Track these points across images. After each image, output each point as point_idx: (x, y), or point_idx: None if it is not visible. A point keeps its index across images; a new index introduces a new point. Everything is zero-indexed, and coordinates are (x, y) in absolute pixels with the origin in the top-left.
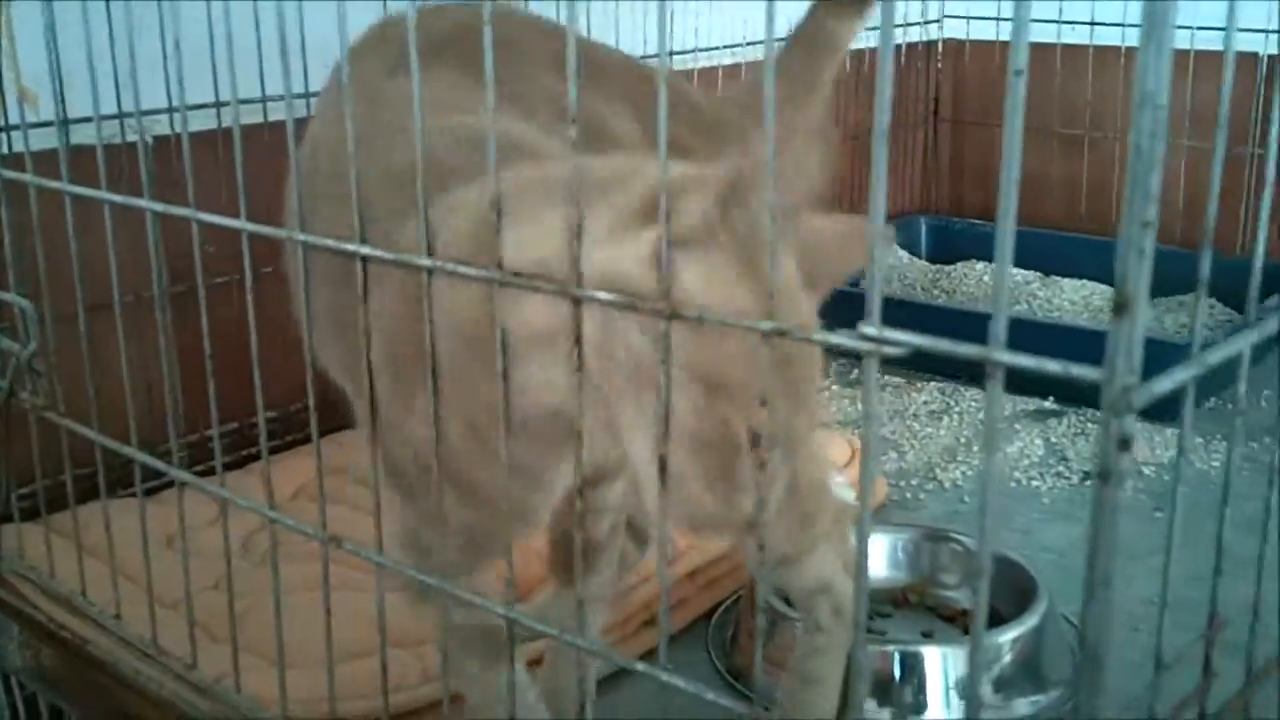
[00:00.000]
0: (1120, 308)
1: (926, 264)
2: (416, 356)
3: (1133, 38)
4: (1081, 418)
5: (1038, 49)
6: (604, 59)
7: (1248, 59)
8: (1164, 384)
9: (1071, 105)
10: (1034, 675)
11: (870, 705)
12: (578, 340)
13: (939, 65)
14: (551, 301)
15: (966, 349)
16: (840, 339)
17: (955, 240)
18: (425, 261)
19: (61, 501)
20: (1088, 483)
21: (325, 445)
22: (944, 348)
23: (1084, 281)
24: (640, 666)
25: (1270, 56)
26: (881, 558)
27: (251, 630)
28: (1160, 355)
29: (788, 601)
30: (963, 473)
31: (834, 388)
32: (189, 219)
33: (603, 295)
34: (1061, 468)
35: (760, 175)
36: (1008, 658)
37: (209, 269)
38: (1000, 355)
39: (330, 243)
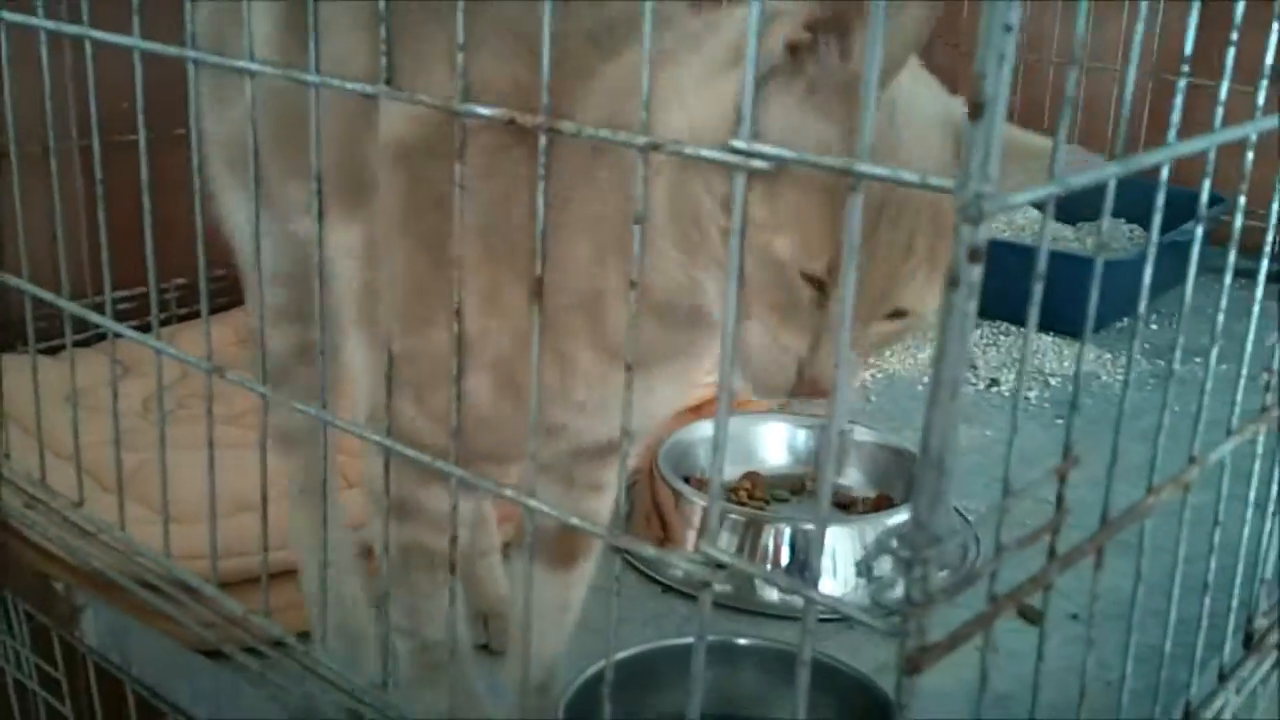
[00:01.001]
0: (977, 109)
1: None
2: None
3: None
4: (995, 330)
5: None
6: None
7: None
8: (1023, 197)
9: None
10: None
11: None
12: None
13: None
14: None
15: (831, 161)
16: (710, 153)
17: None
18: (313, 78)
19: None
20: (992, 389)
21: (238, 315)
22: (810, 160)
23: None
24: (509, 493)
25: None
26: (782, 447)
27: (145, 485)
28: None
29: (687, 480)
30: (871, 374)
31: None
32: (83, 38)
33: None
34: (969, 374)
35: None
36: (895, 541)
37: (120, 130)
38: (861, 167)
39: (217, 59)
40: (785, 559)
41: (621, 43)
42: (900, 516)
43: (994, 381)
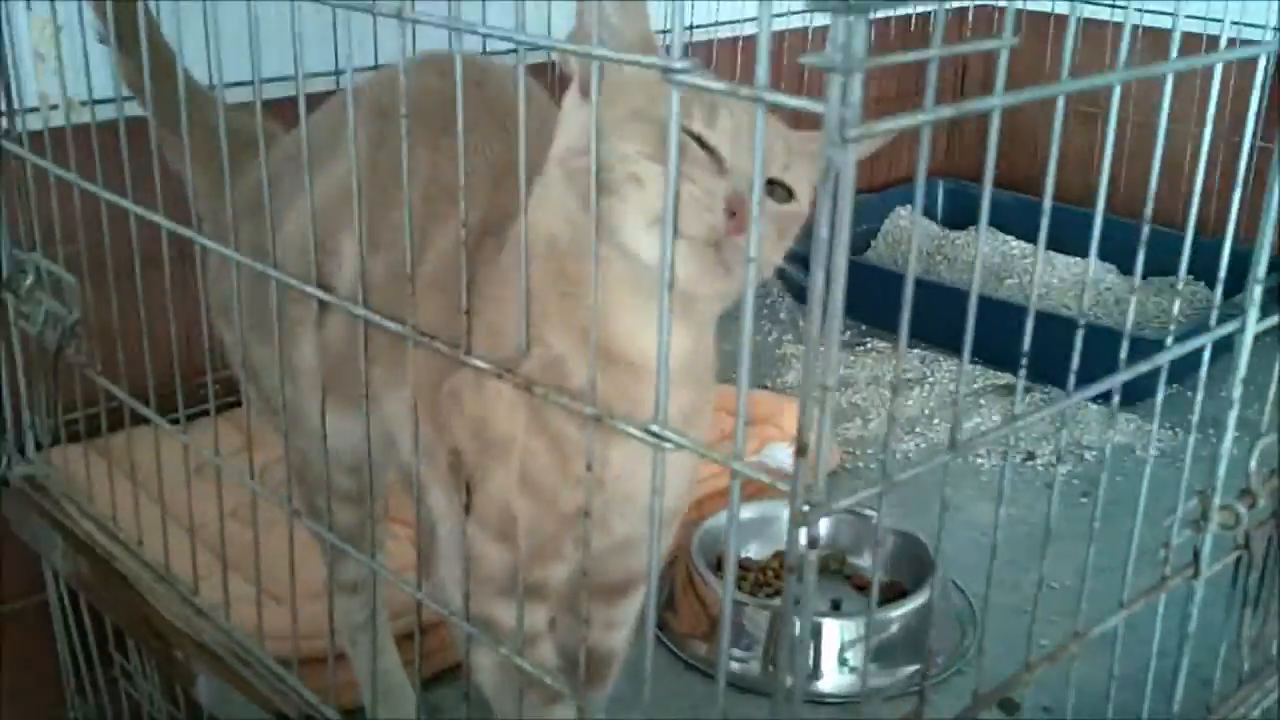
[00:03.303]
0: (801, 451)
1: (938, 228)
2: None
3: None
4: (1046, 394)
5: (1046, 18)
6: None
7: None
8: (843, 500)
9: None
10: (919, 644)
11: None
12: None
13: (968, 34)
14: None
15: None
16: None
17: (970, 206)
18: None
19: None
20: (1029, 463)
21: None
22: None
23: (1074, 259)
24: (467, 629)
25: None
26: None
27: (250, 560)
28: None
29: (718, 561)
30: (916, 444)
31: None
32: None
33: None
34: (1011, 447)
35: None
36: (895, 629)
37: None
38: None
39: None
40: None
41: None
42: (897, 611)
43: (1030, 455)
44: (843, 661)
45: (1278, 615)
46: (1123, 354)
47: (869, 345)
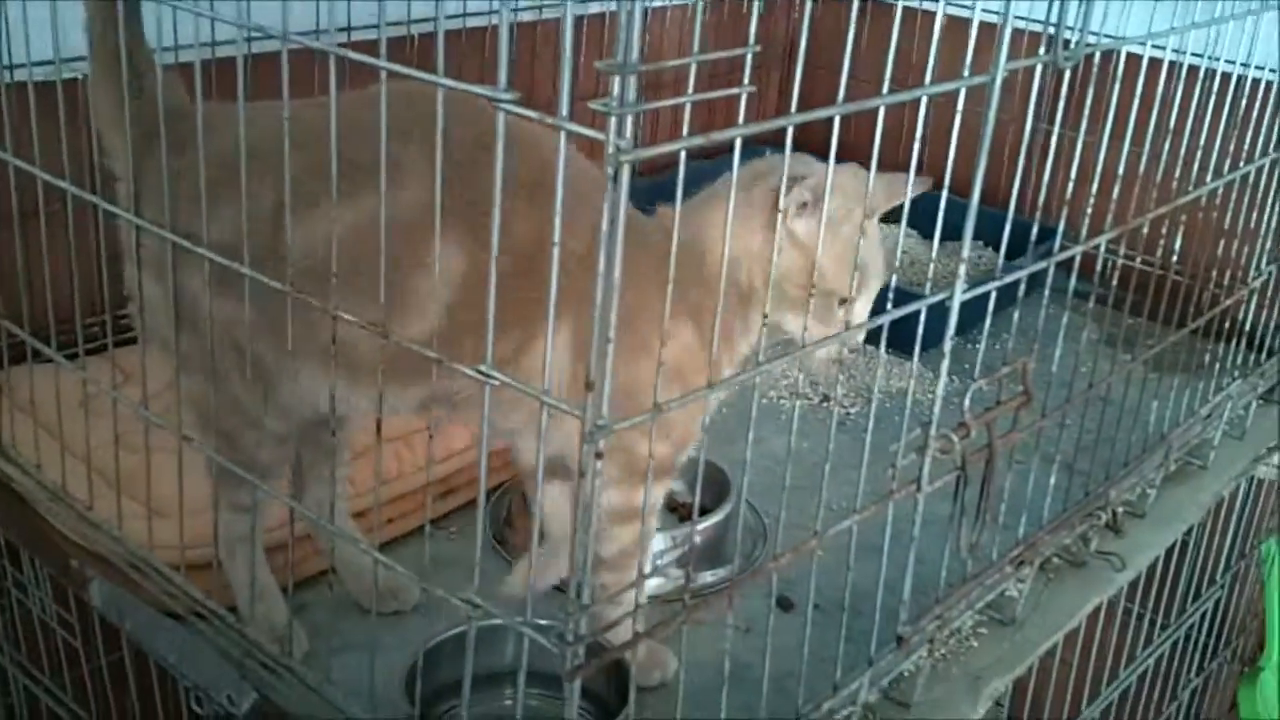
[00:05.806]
0: (589, 386)
1: None
2: None
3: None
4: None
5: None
6: None
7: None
8: (623, 423)
9: (906, 62)
10: (717, 553)
11: None
12: None
13: (796, 14)
14: None
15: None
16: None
17: None
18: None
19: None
20: (823, 404)
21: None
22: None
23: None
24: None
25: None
26: None
27: (140, 483)
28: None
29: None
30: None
31: None
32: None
33: None
34: (809, 389)
35: None
36: (697, 540)
37: None
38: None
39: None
40: None
41: None
42: (704, 523)
43: (826, 398)
44: (655, 567)
45: (992, 527)
46: (888, 306)
47: None
